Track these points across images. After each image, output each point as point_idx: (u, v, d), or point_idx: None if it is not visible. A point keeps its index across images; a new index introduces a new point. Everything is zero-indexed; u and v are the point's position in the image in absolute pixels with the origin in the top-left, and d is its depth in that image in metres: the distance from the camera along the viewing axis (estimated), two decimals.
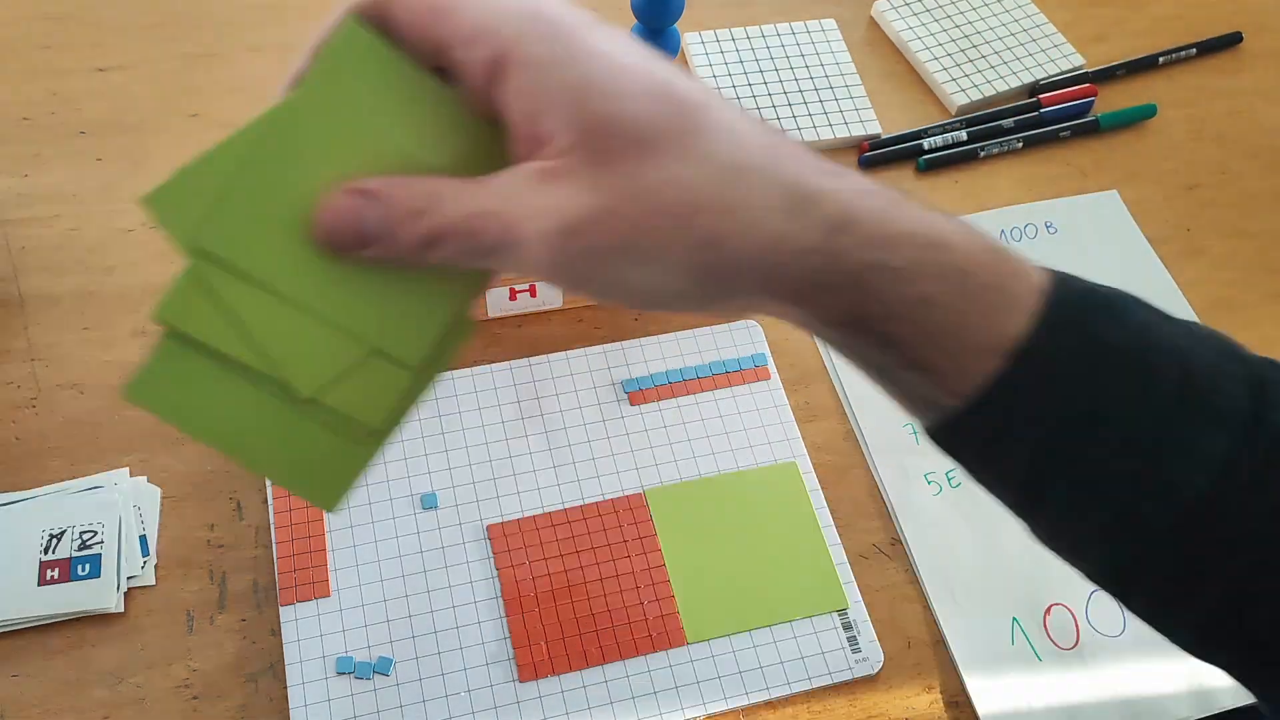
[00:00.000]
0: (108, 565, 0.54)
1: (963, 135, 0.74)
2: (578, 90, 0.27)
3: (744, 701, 0.53)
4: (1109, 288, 0.32)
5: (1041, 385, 0.30)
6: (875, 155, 0.73)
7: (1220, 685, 0.54)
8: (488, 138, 0.30)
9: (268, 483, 0.57)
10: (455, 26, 0.28)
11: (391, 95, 0.30)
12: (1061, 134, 0.75)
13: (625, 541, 0.56)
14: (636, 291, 0.28)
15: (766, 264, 0.28)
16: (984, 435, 0.31)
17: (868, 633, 0.55)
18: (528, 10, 0.27)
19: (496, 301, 0.62)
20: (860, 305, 0.29)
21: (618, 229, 0.27)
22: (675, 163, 0.27)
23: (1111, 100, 0.77)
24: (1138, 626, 0.36)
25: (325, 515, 0.56)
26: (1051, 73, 0.78)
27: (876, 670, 0.54)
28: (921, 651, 0.55)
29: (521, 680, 0.52)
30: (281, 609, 0.53)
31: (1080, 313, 0.31)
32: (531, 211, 0.27)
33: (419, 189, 0.28)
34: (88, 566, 0.54)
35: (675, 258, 0.27)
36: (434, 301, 0.32)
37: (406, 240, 0.28)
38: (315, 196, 0.30)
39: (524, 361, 0.62)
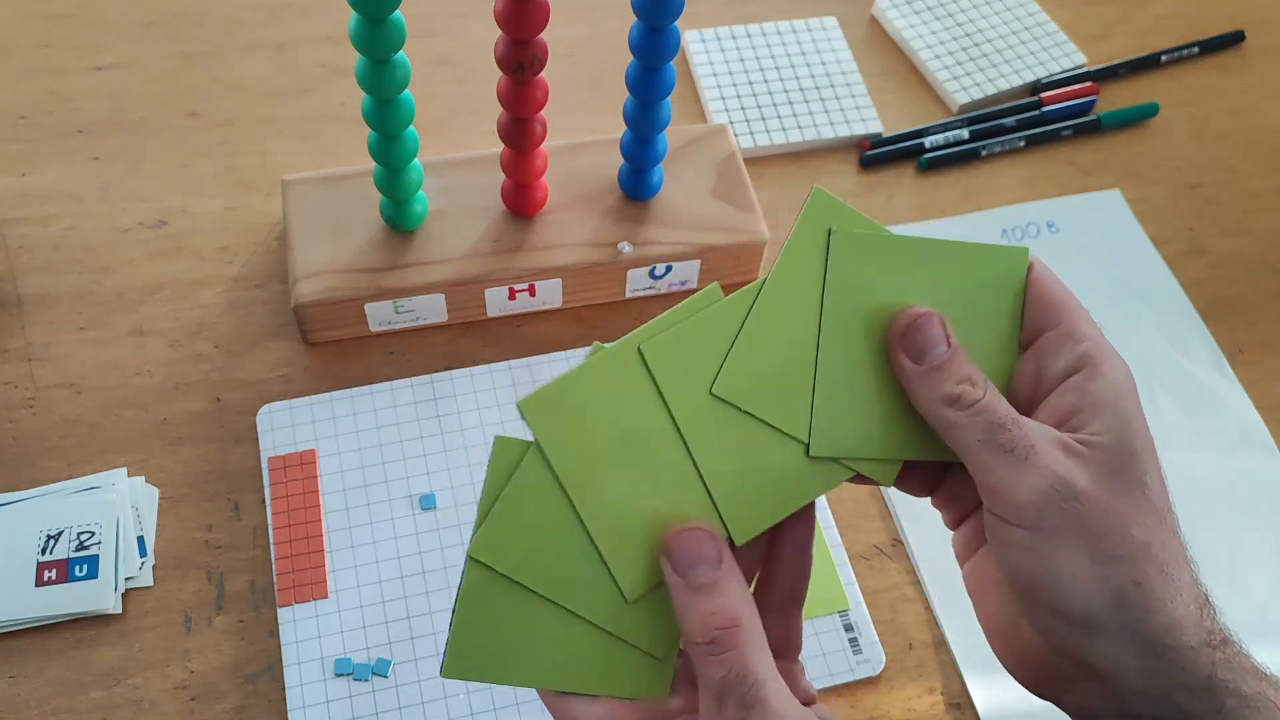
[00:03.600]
0: (105, 566, 0.53)
1: (964, 134, 0.74)
2: (1126, 416, 0.33)
3: None
4: None
5: None
6: (876, 154, 0.72)
7: None
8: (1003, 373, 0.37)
9: (265, 483, 0.57)
10: (1073, 320, 0.35)
11: (994, 309, 0.36)
12: (1063, 133, 0.75)
13: None
14: (1062, 577, 0.32)
15: (1164, 634, 0.32)
16: None
17: (869, 634, 0.54)
18: (1123, 365, 0.35)
19: (495, 301, 0.62)
20: (1202, 714, 0.32)
21: (1100, 519, 0.32)
22: (1151, 518, 0.33)
23: (1113, 99, 0.77)
24: None
25: (323, 515, 0.56)
26: (1053, 71, 0.78)
27: (878, 671, 0.54)
28: (923, 653, 0.55)
29: None
30: (280, 610, 0.53)
31: None
32: (1050, 453, 0.32)
33: (975, 369, 0.34)
34: (85, 567, 0.54)
35: (1113, 574, 0.32)
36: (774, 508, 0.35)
37: (947, 382, 0.34)
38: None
39: (524, 361, 0.62)
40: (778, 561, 0.37)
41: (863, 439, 0.35)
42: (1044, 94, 0.76)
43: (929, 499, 0.39)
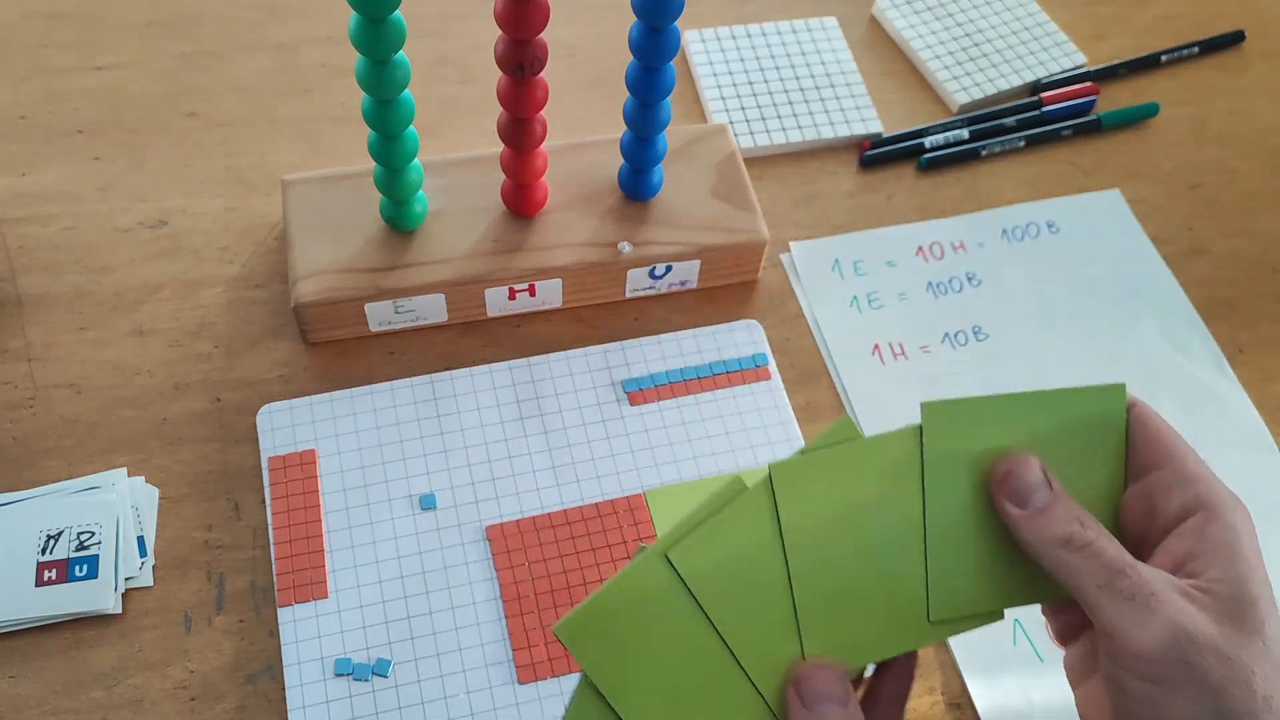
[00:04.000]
0: (105, 566, 0.54)
1: (964, 134, 0.74)
2: (1246, 562, 0.33)
3: None
4: None
5: None
6: (876, 154, 0.72)
7: None
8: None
9: (265, 483, 0.57)
10: (1183, 460, 0.34)
11: (1095, 450, 0.36)
12: (1063, 133, 0.75)
13: (625, 542, 0.56)
14: None
15: None
16: None
17: None
18: (1239, 507, 0.34)
19: (495, 301, 0.62)
20: None
21: (1222, 672, 0.31)
22: (1272, 669, 0.32)
23: (1113, 99, 0.77)
24: None
25: (323, 515, 0.56)
26: (1053, 71, 0.78)
27: None
28: (923, 653, 0.55)
29: (521, 682, 0.52)
30: (280, 610, 0.53)
31: None
32: (1171, 601, 0.32)
33: (1083, 510, 0.34)
34: (85, 567, 0.54)
35: None
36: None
37: (1055, 524, 0.34)
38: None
39: (524, 361, 0.62)
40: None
41: (977, 596, 0.36)
42: (1044, 94, 0.76)
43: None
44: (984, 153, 0.73)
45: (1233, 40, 0.81)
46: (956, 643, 0.55)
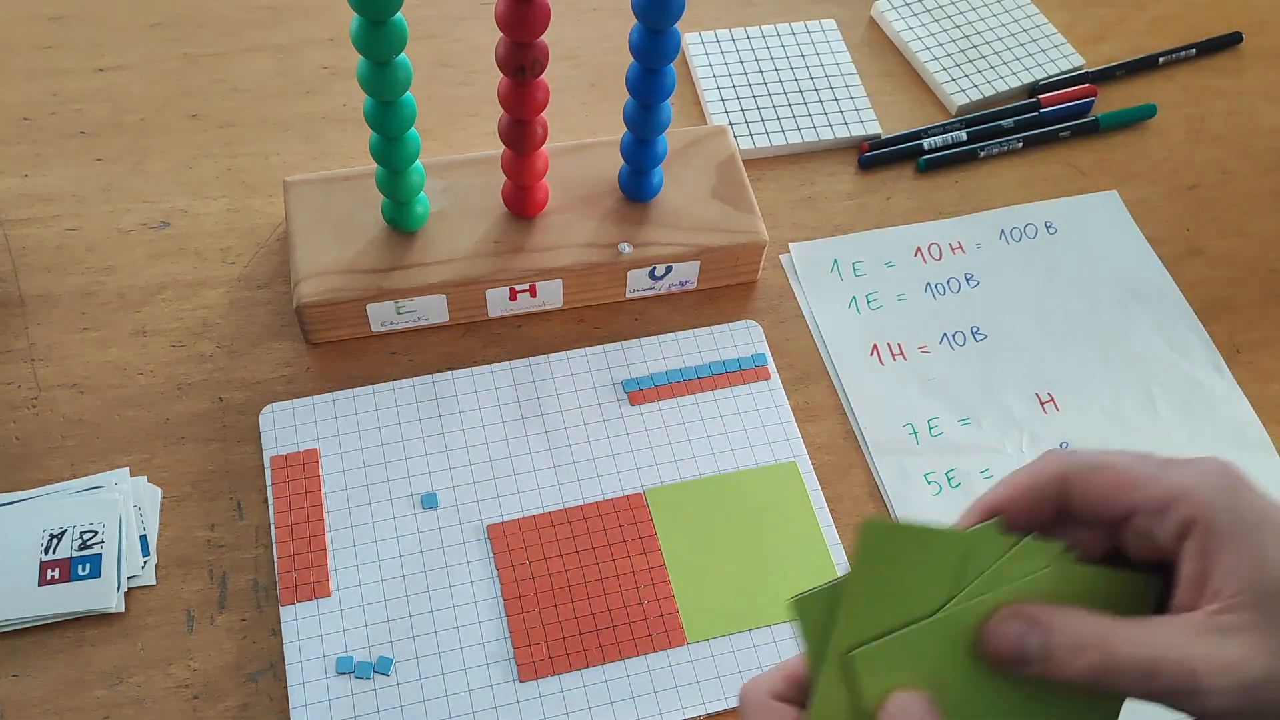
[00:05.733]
0: (108, 565, 0.54)
1: (962, 135, 0.74)
2: (1256, 560, 0.31)
3: None
4: None
5: None
6: (875, 155, 0.73)
7: None
8: (1119, 590, 0.34)
9: (268, 482, 0.57)
10: (1147, 495, 0.32)
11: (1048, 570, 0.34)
12: (1061, 134, 0.75)
13: (625, 541, 0.56)
14: None
15: None
16: None
17: None
18: (1219, 482, 0.32)
19: (496, 301, 0.63)
20: None
21: None
22: None
23: (1111, 100, 0.77)
24: None
25: (325, 514, 0.56)
26: (1051, 73, 0.78)
27: None
28: None
29: (521, 680, 0.52)
30: (282, 609, 0.53)
31: None
32: (1210, 663, 0.30)
33: (1087, 626, 0.31)
34: (88, 566, 0.54)
35: None
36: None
37: (1072, 669, 0.31)
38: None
39: (524, 361, 0.62)
40: None
41: None
42: (1042, 95, 0.77)
43: None
44: (982, 154, 0.74)
45: (1230, 42, 0.82)
46: None
